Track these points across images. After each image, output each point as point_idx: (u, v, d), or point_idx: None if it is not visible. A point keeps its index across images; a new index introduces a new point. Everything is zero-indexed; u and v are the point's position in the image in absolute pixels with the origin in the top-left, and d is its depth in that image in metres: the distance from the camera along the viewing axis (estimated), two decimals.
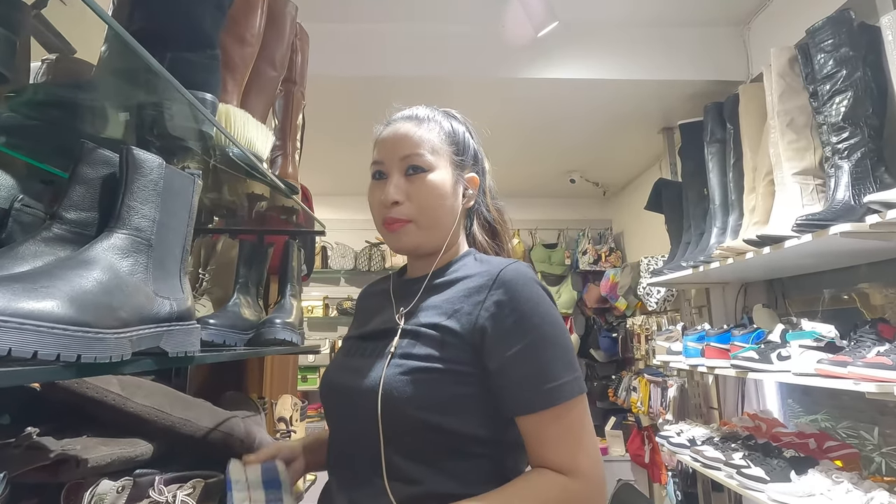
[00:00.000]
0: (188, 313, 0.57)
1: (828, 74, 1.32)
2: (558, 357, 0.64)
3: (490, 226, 0.83)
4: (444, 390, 0.63)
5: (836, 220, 1.20)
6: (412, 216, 0.72)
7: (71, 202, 0.52)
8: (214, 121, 0.69)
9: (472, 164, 0.79)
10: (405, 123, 0.75)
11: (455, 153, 0.76)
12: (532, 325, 0.64)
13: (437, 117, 0.78)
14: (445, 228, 0.74)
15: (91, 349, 0.41)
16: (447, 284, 0.71)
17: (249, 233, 1.27)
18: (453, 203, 0.74)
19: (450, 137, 0.76)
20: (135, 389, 0.68)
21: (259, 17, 0.92)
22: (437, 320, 0.66)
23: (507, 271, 0.67)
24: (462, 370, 0.64)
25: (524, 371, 0.63)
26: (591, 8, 2.03)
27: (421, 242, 0.73)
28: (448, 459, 0.63)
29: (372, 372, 0.65)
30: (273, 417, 1.20)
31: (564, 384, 0.62)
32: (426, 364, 0.64)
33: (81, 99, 0.67)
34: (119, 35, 0.52)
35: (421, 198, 0.71)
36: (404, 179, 0.73)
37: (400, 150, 0.73)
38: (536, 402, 0.62)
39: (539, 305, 0.65)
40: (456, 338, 0.65)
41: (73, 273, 0.43)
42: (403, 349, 0.66)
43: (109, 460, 0.60)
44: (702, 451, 1.80)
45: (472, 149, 0.80)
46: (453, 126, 0.78)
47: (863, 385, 1.12)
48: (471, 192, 0.78)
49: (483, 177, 0.81)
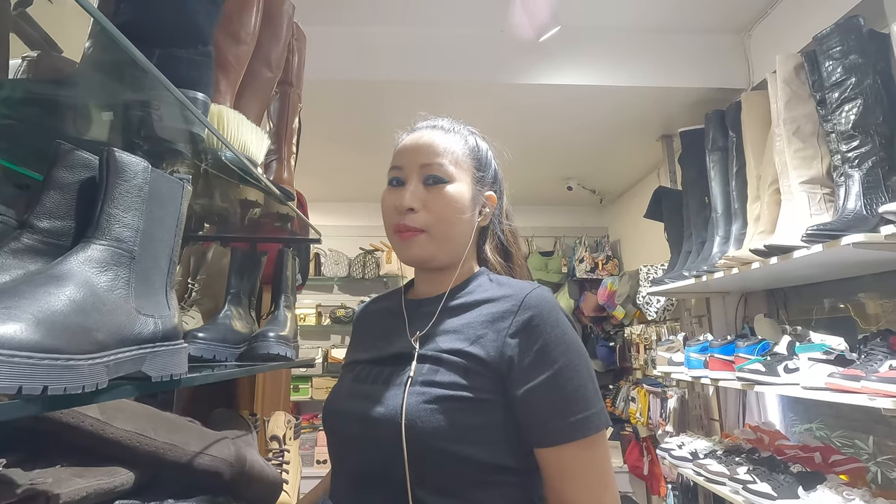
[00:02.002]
0: (175, 332, 0.52)
1: (836, 82, 1.30)
2: (584, 387, 0.61)
3: (503, 247, 0.80)
4: (472, 419, 0.60)
5: (848, 230, 1.17)
6: (426, 226, 0.68)
7: (44, 209, 0.46)
8: (206, 121, 0.64)
9: (491, 182, 0.77)
10: (430, 132, 0.73)
11: (477, 168, 0.74)
12: (559, 353, 0.61)
13: (462, 130, 0.76)
14: (459, 243, 0.71)
15: (60, 379, 0.35)
16: (466, 307, 0.68)
17: (242, 240, 1.22)
18: (470, 218, 0.71)
19: (473, 152, 0.75)
20: (115, 413, 0.62)
21: (255, 14, 0.87)
22: (461, 346, 0.63)
23: (532, 297, 0.64)
24: (489, 398, 0.61)
25: (549, 401, 0.60)
26: (591, 14, 2.01)
27: (431, 255, 0.70)
28: (476, 490, 0.60)
29: (389, 400, 0.61)
30: (265, 436, 1.14)
31: (591, 416, 0.60)
32: (452, 392, 0.60)
33: (63, 97, 0.62)
34: (104, 29, 0.47)
35: (438, 208, 0.68)
36: (422, 188, 0.69)
37: (421, 158, 0.70)
38: (561, 434, 0.59)
39: (565, 334, 0.63)
40: (482, 365, 0.61)
41: (41, 290, 0.38)
42: (424, 376, 0.62)
43: (85, 493, 0.55)
44: (705, 465, 1.76)
45: (494, 168, 0.78)
46: (477, 142, 0.77)
47: (878, 401, 1.08)
48: (487, 210, 0.75)
49: (501, 197, 0.79)
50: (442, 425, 0.58)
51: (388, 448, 0.58)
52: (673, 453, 1.99)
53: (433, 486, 0.58)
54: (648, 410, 2.66)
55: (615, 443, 3.14)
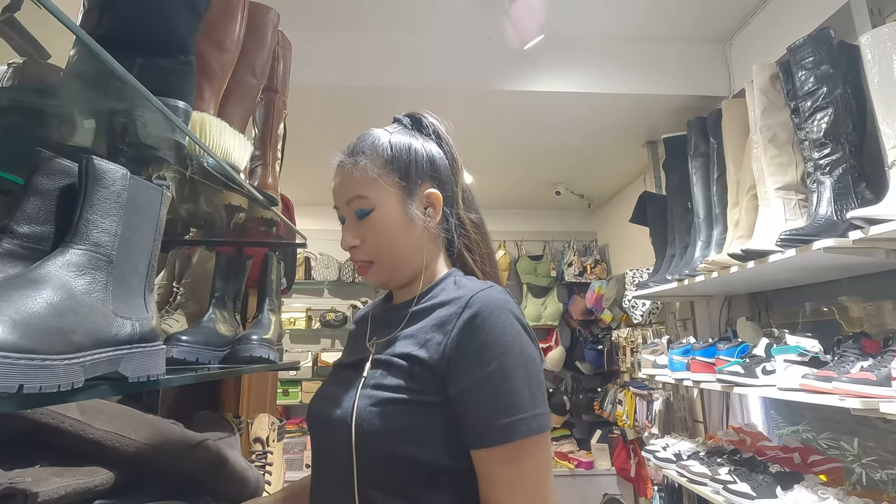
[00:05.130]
0: (152, 334, 0.54)
1: (809, 91, 1.34)
2: (519, 390, 0.59)
3: (464, 240, 0.77)
4: (414, 422, 0.61)
5: (819, 235, 1.20)
6: (371, 257, 0.72)
7: (24, 215, 0.48)
8: (186, 129, 0.66)
9: (427, 177, 0.73)
10: (340, 168, 0.74)
11: (399, 178, 0.71)
12: (494, 354, 0.60)
13: (373, 144, 0.72)
14: (410, 259, 0.72)
15: (35, 378, 0.37)
16: (425, 312, 0.69)
17: (227, 244, 1.23)
18: (409, 232, 0.71)
19: (389, 164, 0.71)
20: (95, 414, 0.64)
21: (239, 23, 0.89)
22: (409, 350, 0.64)
23: (477, 297, 0.64)
24: (430, 400, 0.62)
25: (480, 402, 0.59)
26: (576, 22, 2.04)
27: (388, 278, 0.73)
28: (423, 491, 0.61)
29: (344, 402, 0.64)
30: (249, 438, 1.15)
31: (521, 420, 0.58)
32: (396, 395, 0.61)
33: (46, 105, 0.63)
34: (83, 41, 0.49)
35: (373, 238, 0.71)
36: (357, 223, 0.72)
37: (343, 196, 0.73)
38: (490, 436, 0.58)
39: (504, 334, 0.61)
40: (424, 367, 0.62)
41: (19, 293, 0.40)
42: (375, 379, 0.64)
43: (63, 492, 0.56)
44: (688, 466, 1.79)
45: (425, 160, 0.73)
46: (393, 146, 0.72)
47: (848, 401, 1.11)
48: (431, 211, 0.73)
49: (451, 184, 0.75)
50: (385, 427, 0.60)
51: (341, 448, 0.61)
52: (658, 455, 2.02)
53: (382, 486, 0.60)
54: (635, 413, 2.69)
55: (603, 445, 3.16)
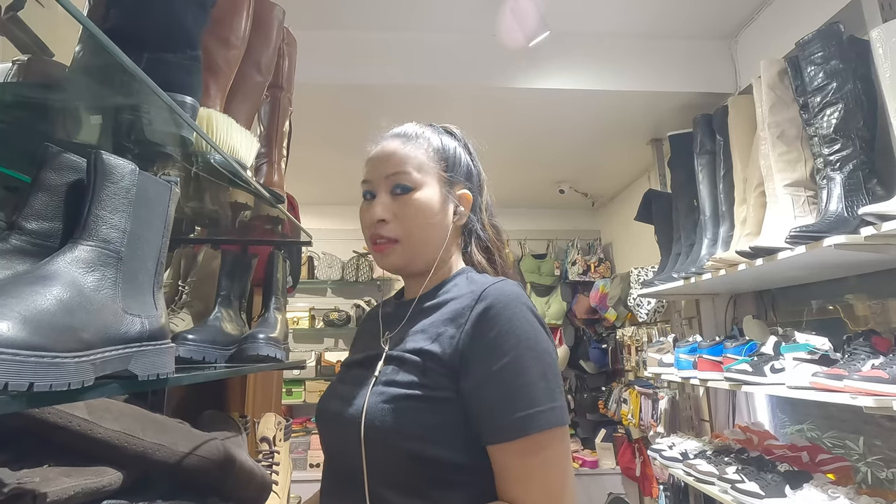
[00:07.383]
0: (162, 332, 0.53)
1: (818, 87, 1.32)
2: (534, 383, 0.59)
3: (485, 244, 0.79)
4: (428, 418, 0.60)
5: (829, 231, 1.19)
6: (399, 235, 0.70)
7: (32, 211, 0.47)
8: (194, 125, 0.65)
9: (464, 180, 0.76)
10: (392, 141, 0.74)
11: (444, 169, 0.74)
12: (510, 346, 0.59)
13: (426, 133, 0.76)
14: (433, 248, 0.72)
15: (46, 376, 0.36)
16: (436, 307, 0.68)
17: (232, 243, 1.22)
18: (441, 221, 0.72)
19: (438, 154, 0.74)
20: (103, 413, 0.63)
21: (245, 19, 0.88)
22: (422, 345, 0.63)
23: (490, 290, 0.64)
24: (443, 396, 0.60)
25: (495, 395, 0.58)
26: (581, 19, 2.03)
27: (407, 262, 0.72)
28: (436, 489, 0.60)
29: (356, 399, 0.63)
30: (255, 437, 1.14)
31: (538, 413, 0.57)
32: (409, 391, 0.60)
33: (52, 100, 0.63)
34: (92, 33, 0.48)
35: (407, 217, 0.70)
36: (391, 198, 0.71)
37: (385, 169, 0.72)
38: (505, 430, 0.58)
39: (518, 326, 0.61)
40: (437, 363, 0.61)
41: (29, 290, 0.39)
42: (387, 376, 0.63)
43: (72, 492, 0.55)
44: (695, 465, 1.78)
45: (465, 165, 0.77)
46: (443, 142, 0.76)
47: (860, 399, 1.10)
48: (462, 209, 0.75)
49: (478, 194, 0.79)
50: (398, 424, 0.59)
51: (353, 446, 0.60)
52: (664, 454, 2.01)
53: (393, 484, 0.59)
54: (640, 412, 2.67)
55: (608, 444, 3.15)
